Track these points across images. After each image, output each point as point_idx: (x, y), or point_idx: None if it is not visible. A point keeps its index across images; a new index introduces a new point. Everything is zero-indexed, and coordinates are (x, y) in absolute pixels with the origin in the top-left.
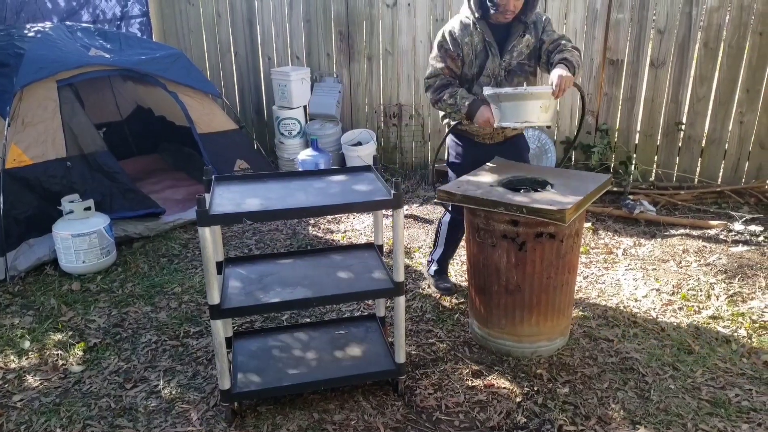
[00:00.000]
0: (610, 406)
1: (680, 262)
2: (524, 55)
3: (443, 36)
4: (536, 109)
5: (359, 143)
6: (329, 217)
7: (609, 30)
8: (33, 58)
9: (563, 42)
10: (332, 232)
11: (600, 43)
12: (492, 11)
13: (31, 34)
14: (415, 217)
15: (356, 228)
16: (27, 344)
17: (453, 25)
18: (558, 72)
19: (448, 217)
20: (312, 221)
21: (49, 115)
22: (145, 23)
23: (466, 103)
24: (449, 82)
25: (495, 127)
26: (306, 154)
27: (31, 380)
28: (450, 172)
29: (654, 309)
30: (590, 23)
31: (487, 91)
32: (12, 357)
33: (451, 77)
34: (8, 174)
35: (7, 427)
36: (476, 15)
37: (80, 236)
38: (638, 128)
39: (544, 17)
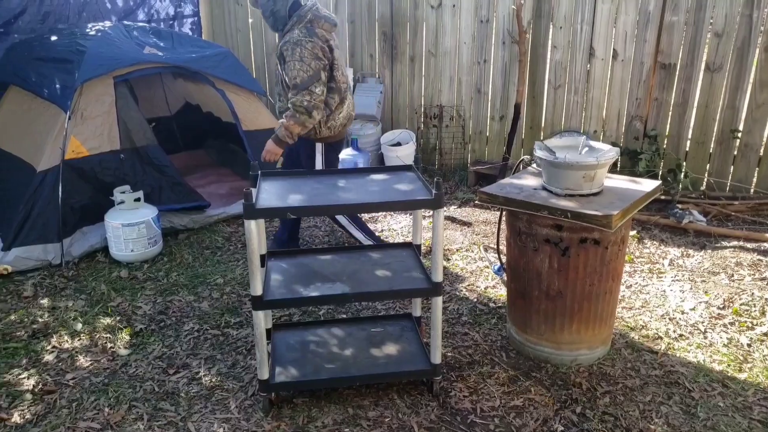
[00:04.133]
0: (653, 420)
1: (732, 276)
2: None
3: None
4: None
5: (398, 144)
6: (366, 216)
7: (662, 32)
8: (93, 56)
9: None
10: None
11: (651, 47)
12: None
13: (92, 33)
14: (452, 219)
15: (393, 228)
16: (79, 326)
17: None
18: None
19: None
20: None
21: (106, 110)
22: (196, 23)
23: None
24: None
25: None
26: (346, 154)
27: (83, 360)
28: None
29: (702, 322)
30: (642, 26)
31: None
32: (66, 337)
33: None
34: (67, 165)
35: (60, 402)
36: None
37: (130, 226)
38: (690, 135)
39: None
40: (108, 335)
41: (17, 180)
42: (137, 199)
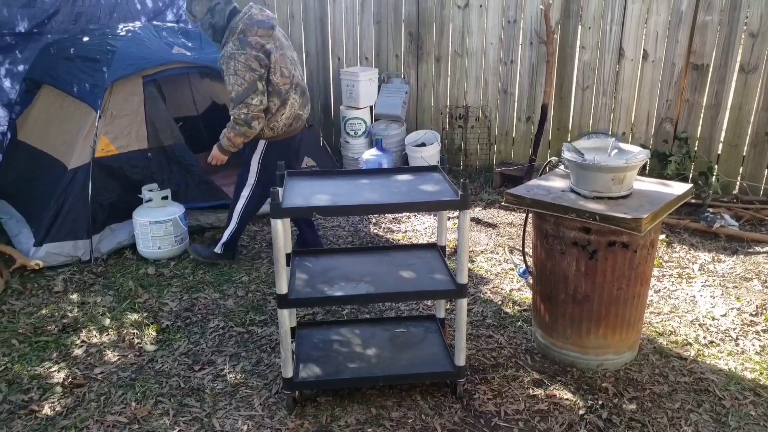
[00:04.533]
0: (681, 428)
1: (765, 282)
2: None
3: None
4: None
5: (423, 144)
6: (390, 217)
7: (694, 32)
8: (123, 55)
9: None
10: (393, 231)
11: (683, 47)
12: None
13: (122, 33)
14: (477, 221)
15: (417, 228)
16: (107, 321)
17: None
18: None
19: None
20: (373, 220)
21: (134, 109)
22: None
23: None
24: None
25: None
26: (370, 154)
27: (110, 355)
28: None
29: (734, 329)
30: (674, 26)
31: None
32: (94, 332)
33: None
34: (97, 162)
35: (88, 396)
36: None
37: (157, 223)
38: (722, 137)
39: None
40: (135, 331)
41: (49, 177)
42: (165, 197)
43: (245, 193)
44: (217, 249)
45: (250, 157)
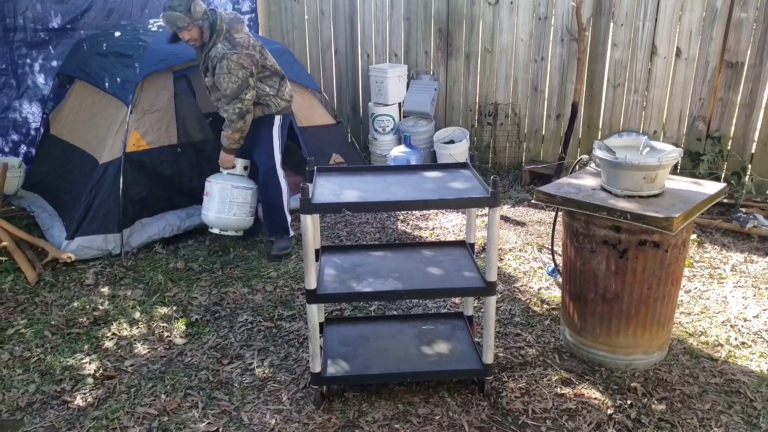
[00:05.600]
0: (712, 429)
1: None
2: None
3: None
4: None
5: (452, 141)
6: (418, 214)
7: (729, 30)
8: (154, 51)
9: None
10: (420, 228)
11: (718, 44)
12: None
13: (153, 29)
14: (506, 219)
15: (445, 226)
16: (137, 315)
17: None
18: None
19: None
20: (401, 217)
21: (165, 104)
22: (253, 19)
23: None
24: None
25: None
26: (398, 151)
27: (141, 348)
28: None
29: (766, 331)
30: (708, 23)
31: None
32: (125, 325)
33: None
34: (128, 157)
35: (119, 388)
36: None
37: (239, 189)
38: (756, 137)
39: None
40: (165, 324)
41: (80, 171)
42: (246, 167)
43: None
44: (292, 234)
45: (269, 134)
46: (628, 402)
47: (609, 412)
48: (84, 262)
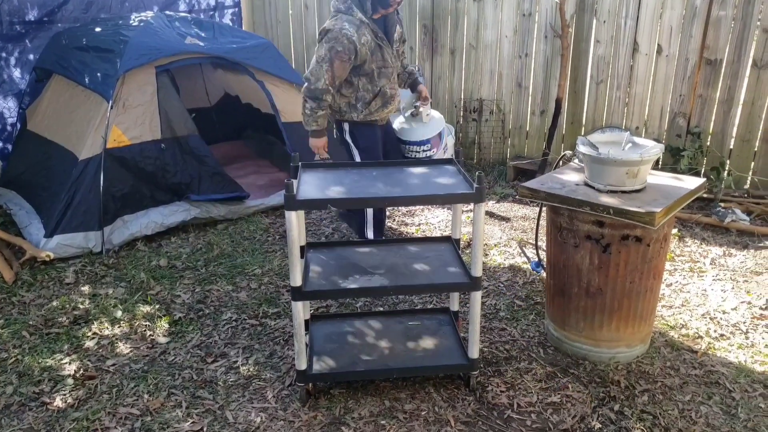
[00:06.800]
0: (692, 420)
1: None
2: (398, 42)
3: (338, 40)
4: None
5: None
6: (404, 210)
7: (708, 27)
8: (135, 45)
9: (401, 48)
10: (406, 224)
11: (697, 42)
12: (380, 9)
13: (135, 23)
14: (491, 214)
15: (431, 222)
16: (119, 313)
17: (344, 29)
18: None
19: None
20: (387, 213)
21: (147, 99)
22: (237, 13)
23: (314, 127)
24: (322, 96)
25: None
26: None
27: (123, 347)
28: (359, 154)
29: (744, 323)
30: (688, 20)
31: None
32: (106, 324)
33: (330, 86)
34: (109, 153)
35: (100, 388)
36: (369, 14)
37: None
38: (734, 132)
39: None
40: (147, 323)
41: (60, 168)
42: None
43: None
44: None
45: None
46: (612, 395)
47: (593, 404)
48: (64, 261)
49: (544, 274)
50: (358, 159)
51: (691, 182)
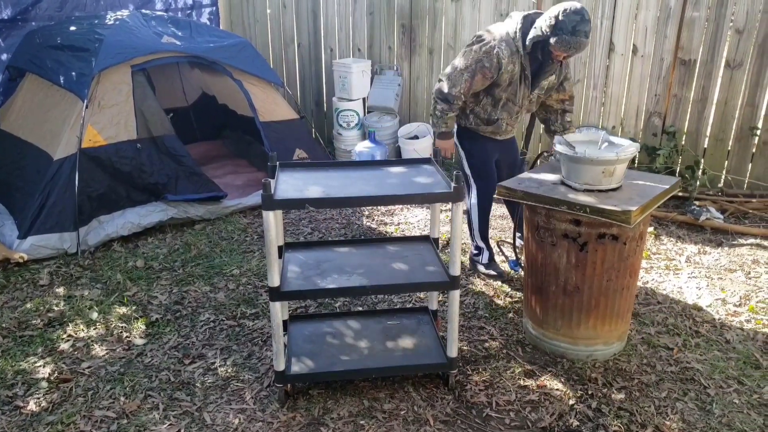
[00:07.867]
0: (668, 416)
1: (749, 273)
2: (544, 90)
3: (489, 56)
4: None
5: (416, 137)
6: (383, 209)
7: (682, 28)
8: (111, 44)
9: (570, 104)
10: (386, 224)
11: (672, 43)
12: (540, 56)
13: (110, 22)
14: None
15: (410, 221)
16: (95, 315)
17: (501, 48)
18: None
19: (474, 199)
20: (366, 212)
21: (123, 99)
22: (215, 12)
23: (443, 129)
24: (454, 101)
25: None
26: (363, 146)
27: (98, 349)
28: (468, 161)
29: (718, 319)
30: (662, 21)
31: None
32: (81, 326)
33: (464, 95)
34: (84, 153)
35: (75, 391)
36: (526, 51)
37: None
38: (708, 132)
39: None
40: (123, 325)
41: (34, 168)
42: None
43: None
44: (483, 270)
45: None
46: (589, 392)
47: (570, 402)
48: (38, 262)
49: (522, 273)
50: (464, 160)
51: (666, 181)
